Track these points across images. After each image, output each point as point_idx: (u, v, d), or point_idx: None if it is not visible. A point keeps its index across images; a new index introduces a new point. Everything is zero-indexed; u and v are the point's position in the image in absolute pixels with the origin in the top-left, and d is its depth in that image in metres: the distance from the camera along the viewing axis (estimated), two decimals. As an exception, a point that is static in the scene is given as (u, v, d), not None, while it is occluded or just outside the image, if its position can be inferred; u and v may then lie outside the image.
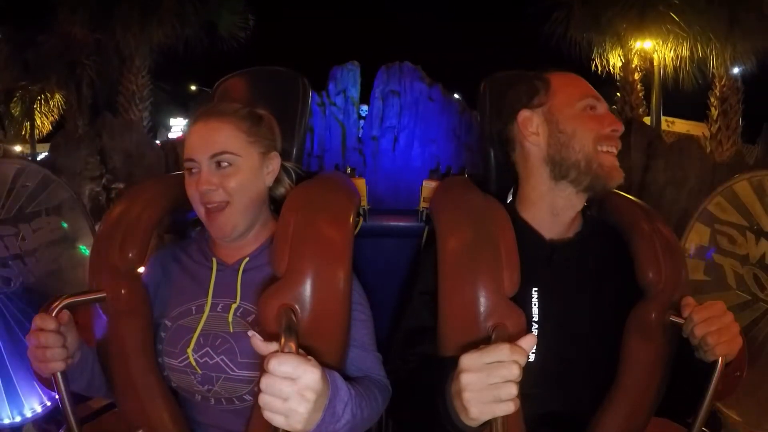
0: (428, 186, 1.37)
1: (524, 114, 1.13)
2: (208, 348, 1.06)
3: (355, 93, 8.46)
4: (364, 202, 1.38)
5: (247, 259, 1.12)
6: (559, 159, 1.09)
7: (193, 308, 1.11)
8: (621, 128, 1.09)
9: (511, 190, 1.20)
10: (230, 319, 1.08)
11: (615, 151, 1.09)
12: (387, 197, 7.35)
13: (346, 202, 1.11)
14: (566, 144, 1.08)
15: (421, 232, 1.36)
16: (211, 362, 1.06)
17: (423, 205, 1.38)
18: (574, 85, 1.13)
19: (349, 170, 1.45)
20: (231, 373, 1.05)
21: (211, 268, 1.13)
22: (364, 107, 8.64)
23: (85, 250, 2.34)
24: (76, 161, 5.54)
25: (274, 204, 1.19)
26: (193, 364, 1.06)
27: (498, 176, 1.30)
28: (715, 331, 0.92)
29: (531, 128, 1.12)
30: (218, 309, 1.09)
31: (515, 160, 1.18)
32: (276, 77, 1.43)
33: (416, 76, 8.40)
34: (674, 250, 1.09)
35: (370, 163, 8.11)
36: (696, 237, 2.13)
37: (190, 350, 1.07)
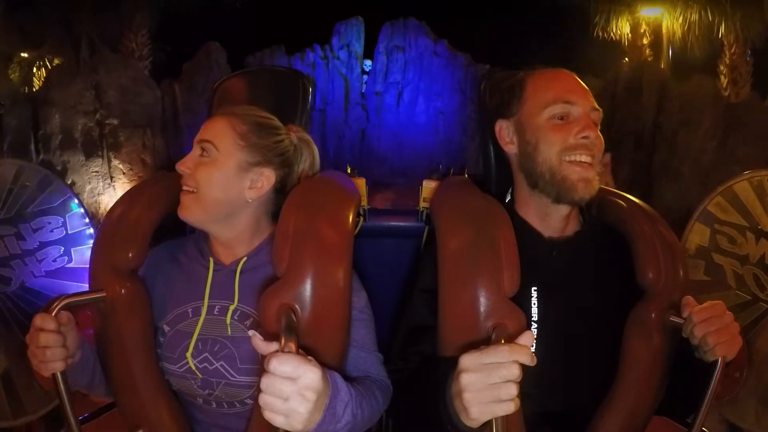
0: (428, 186, 1.37)
1: (500, 124, 1.15)
2: (207, 353, 1.06)
3: (358, 48, 8.26)
4: (364, 202, 1.38)
5: (245, 259, 1.11)
6: (529, 168, 1.10)
7: (189, 311, 1.10)
8: (593, 134, 1.05)
9: (509, 189, 1.20)
10: (228, 322, 1.07)
11: (587, 159, 1.05)
12: (390, 153, 7.21)
13: (346, 202, 1.11)
14: (531, 155, 1.09)
15: (421, 232, 1.36)
16: (210, 368, 1.05)
17: (423, 205, 1.38)
18: (548, 88, 1.09)
19: (349, 170, 1.45)
20: (231, 378, 1.05)
21: (208, 268, 1.12)
22: (368, 62, 8.47)
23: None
24: (70, 95, 5.33)
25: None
26: (193, 368, 1.06)
27: (498, 176, 1.30)
28: (715, 331, 0.92)
29: (507, 138, 1.14)
30: (215, 312, 1.08)
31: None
32: (276, 77, 1.43)
33: (421, 32, 8.18)
34: (674, 250, 1.09)
35: (373, 118, 7.84)
36: (696, 237, 2.14)
37: (188, 355, 1.06)
